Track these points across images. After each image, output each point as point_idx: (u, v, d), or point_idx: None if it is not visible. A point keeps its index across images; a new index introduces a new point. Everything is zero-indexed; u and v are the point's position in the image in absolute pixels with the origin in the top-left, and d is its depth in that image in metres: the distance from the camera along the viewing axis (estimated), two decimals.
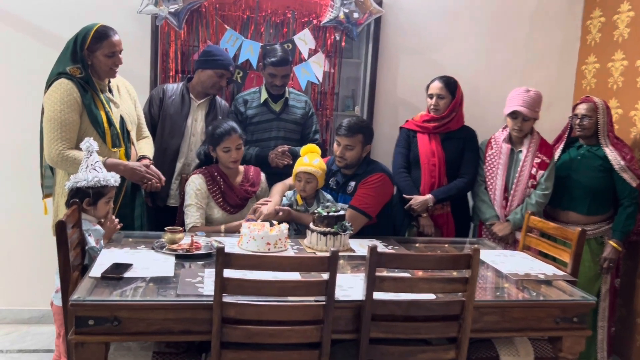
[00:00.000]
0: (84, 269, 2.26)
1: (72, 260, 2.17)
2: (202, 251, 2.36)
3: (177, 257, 2.30)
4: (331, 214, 2.54)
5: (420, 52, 3.72)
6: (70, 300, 1.81)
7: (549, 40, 3.85)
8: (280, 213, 2.72)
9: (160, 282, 2.03)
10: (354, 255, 2.51)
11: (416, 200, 3.06)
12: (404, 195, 3.09)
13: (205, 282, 2.01)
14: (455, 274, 2.21)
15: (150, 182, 2.71)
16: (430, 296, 2.01)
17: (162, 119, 3.13)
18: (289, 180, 2.98)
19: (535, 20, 3.81)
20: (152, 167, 2.76)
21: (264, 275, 1.88)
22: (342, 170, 2.91)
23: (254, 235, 2.43)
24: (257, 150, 3.22)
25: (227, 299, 1.82)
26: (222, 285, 1.80)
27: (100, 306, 1.82)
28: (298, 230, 2.91)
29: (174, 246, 2.36)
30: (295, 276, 2.00)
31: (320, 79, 3.55)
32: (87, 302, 1.81)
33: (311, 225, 2.58)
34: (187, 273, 2.12)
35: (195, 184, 2.83)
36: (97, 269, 2.06)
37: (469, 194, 3.26)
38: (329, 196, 2.89)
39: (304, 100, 3.36)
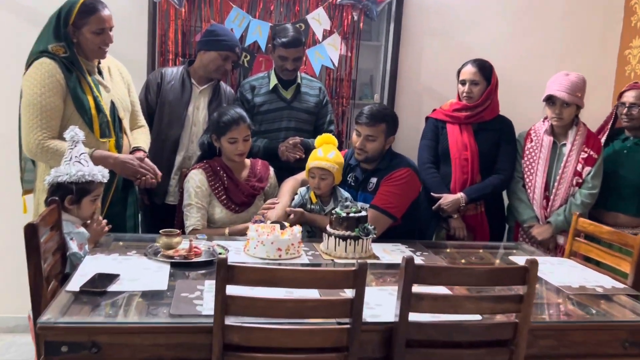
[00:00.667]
0: (65, 278, 1.93)
1: (50, 268, 1.84)
2: (202, 258, 2.02)
3: (173, 265, 1.96)
4: (351, 215, 2.19)
5: (446, 35, 3.36)
6: (38, 322, 1.48)
7: (588, 22, 3.48)
8: (292, 216, 2.39)
9: (152, 297, 1.70)
10: (378, 263, 2.17)
11: (446, 199, 2.71)
12: (432, 193, 2.74)
13: (204, 298, 1.68)
14: (500, 289, 1.87)
15: (144, 178, 2.38)
16: (475, 317, 1.66)
17: (159, 107, 2.80)
18: (301, 175, 2.64)
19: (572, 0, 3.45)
20: (147, 160, 2.43)
21: (274, 292, 1.54)
22: (361, 164, 2.57)
23: (262, 240, 2.09)
24: (265, 142, 2.88)
25: (229, 321, 1.49)
26: (224, 304, 1.46)
27: (75, 329, 1.49)
28: (312, 232, 2.57)
29: (170, 252, 2.03)
30: (312, 293, 1.66)
31: (336, 64, 3.20)
32: (59, 324, 1.48)
33: (328, 228, 2.24)
34: (184, 286, 1.79)
35: (195, 180, 2.50)
36: (76, 281, 1.73)
37: (503, 193, 2.90)
38: (346, 194, 2.55)
39: (317, 87, 3.02)
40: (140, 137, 2.59)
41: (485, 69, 2.76)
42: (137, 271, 1.87)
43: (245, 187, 2.57)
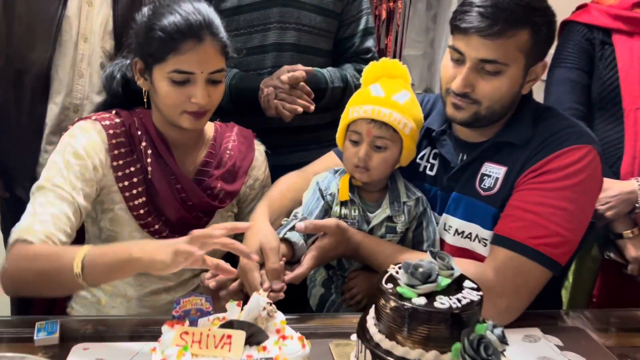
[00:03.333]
0: None
1: None
2: None
3: None
4: (440, 286, 0.77)
5: None
6: None
7: None
8: (293, 274, 1.03)
9: None
10: None
11: (611, 191, 1.26)
12: None
13: None
14: None
15: None
16: None
17: (5, 9, 1.36)
18: (313, 167, 1.25)
19: None
20: None
21: None
22: (457, 130, 1.14)
23: None
24: (235, 76, 1.43)
25: None
26: None
27: None
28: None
29: None
30: None
31: None
32: None
33: (371, 321, 0.81)
34: None
35: (81, 140, 1.06)
36: None
37: None
38: (417, 193, 1.14)
39: None
40: None
41: None
42: None
43: (192, 189, 1.12)
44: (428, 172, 1.17)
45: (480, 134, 1.10)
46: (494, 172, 1.07)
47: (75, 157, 1.03)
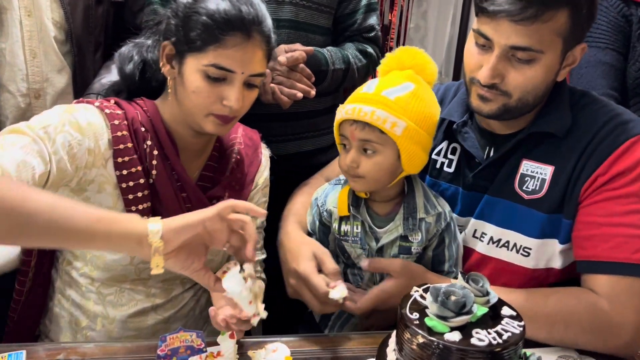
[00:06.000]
0: None
1: None
2: None
3: None
4: (480, 316, 0.64)
5: None
6: None
7: None
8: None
9: None
10: None
11: None
12: None
13: None
14: None
15: None
16: None
17: None
18: (324, 173, 1.15)
19: None
20: None
21: None
22: (484, 122, 0.99)
23: None
24: None
25: None
26: None
27: None
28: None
29: None
30: None
31: None
32: None
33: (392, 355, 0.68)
34: None
35: (85, 116, 0.88)
36: None
37: None
38: (439, 207, 0.96)
39: None
40: None
41: None
42: None
43: (198, 198, 0.96)
44: (446, 168, 1.02)
45: (510, 125, 0.95)
46: (538, 172, 0.93)
47: (72, 126, 0.84)
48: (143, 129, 0.92)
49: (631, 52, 1.24)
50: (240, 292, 0.71)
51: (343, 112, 0.90)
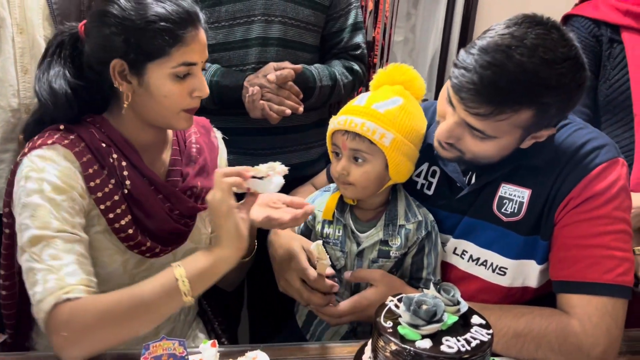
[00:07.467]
0: None
1: None
2: None
3: None
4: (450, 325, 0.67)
5: None
6: None
7: None
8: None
9: None
10: None
11: None
12: None
13: None
14: None
15: None
16: None
17: None
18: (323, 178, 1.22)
19: None
20: None
21: None
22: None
23: None
24: (217, 72, 1.31)
25: None
26: None
27: None
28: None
29: None
30: None
31: None
32: None
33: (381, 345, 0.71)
34: None
35: (51, 172, 0.88)
36: None
37: None
38: (419, 216, 1.00)
39: None
40: None
41: None
42: None
43: (175, 195, 0.98)
44: (425, 190, 1.04)
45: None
46: (516, 195, 0.95)
47: (57, 192, 0.86)
48: (104, 145, 0.92)
49: (602, 71, 1.27)
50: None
51: (335, 122, 0.96)
